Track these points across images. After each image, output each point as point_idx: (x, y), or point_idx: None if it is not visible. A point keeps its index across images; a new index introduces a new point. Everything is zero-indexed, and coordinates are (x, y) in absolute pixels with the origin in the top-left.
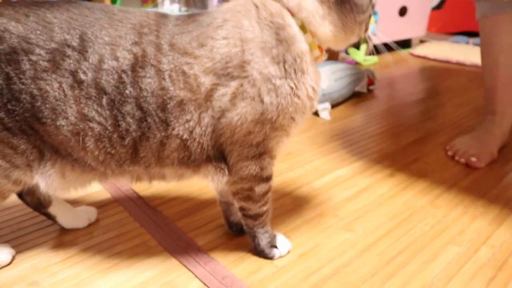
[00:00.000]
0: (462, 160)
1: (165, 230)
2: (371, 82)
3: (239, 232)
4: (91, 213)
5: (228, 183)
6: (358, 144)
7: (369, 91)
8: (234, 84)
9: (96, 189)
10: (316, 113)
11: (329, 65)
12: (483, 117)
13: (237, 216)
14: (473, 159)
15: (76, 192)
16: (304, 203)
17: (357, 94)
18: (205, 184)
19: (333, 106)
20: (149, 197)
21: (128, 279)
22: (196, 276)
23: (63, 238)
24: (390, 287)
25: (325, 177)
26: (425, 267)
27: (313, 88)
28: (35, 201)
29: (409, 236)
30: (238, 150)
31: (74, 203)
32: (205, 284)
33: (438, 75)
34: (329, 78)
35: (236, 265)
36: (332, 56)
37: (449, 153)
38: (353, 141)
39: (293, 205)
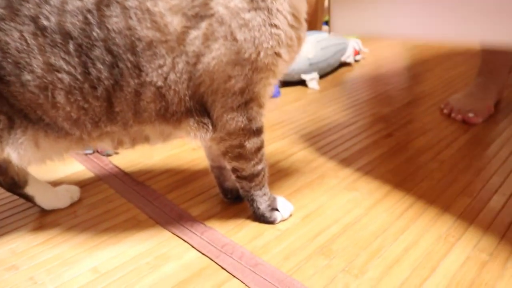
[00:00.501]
0: (459, 116)
1: (155, 203)
2: (357, 52)
3: (236, 200)
4: (73, 192)
5: (215, 141)
6: (350, 110)
7: (356, 61)
8: (203, 25)
9: (79, 169)
10: (304, 84)
11: (313, 34)
12: (476, 77)
13: (232, 181)
14: (471, 114)
15: (53, 163)
16: (302, 166)
17: (344, 64)
18: (196, 156)
19: (321, 76)
20: (135, 172)
21: (117, 255)
22: (192, 247)
23: (44, 220)
24: (404, 240)
25: (321, 141)
26: (438, 218)
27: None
28: (9, 181)
29: (416, 190)
30: (221, 100)
31: (56, 184)
32: (203, 254)
33: (423, 43)
34: (315, 47)
35: (235, 232)
36: (315, 27)
37: (445, 111)
38: (345, 107)
39: (291, 169)
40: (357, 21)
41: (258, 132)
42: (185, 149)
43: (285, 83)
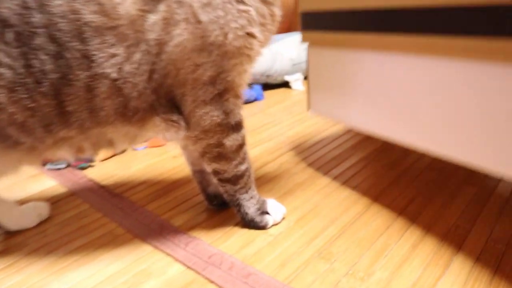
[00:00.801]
0: None
1: (133, 216)
2: None
3: (222, 206)
4: (41, 209)
5: (191, 141)
6: None
7: None
8: (161, 7)
9: (50, 185)
10: (288, 85)
11: (295, 35)
12: None
13: (216, 186)
14: None
15: (6, 177)
16: (291, 167)
17: None
18: (177, 164)
19: (306, 77)
20: (112, 184)
21: (91, 275)
22: (176, 260)
23: (10, 241)
24: (410, 236)
25: (308, 141)
26: (444, 210)
27: None
28: None
29: (417, 183)
30: (191, 93)
31: (25, 203)
32: (188, 267)
33: None
34: (297, 48)
35: (223, 241)
36: (296, 27)
37: None
38: None
39: (279, 170)
40: (332, 108)
41: (238, 127)
42: (165, 157)
43: (269, 86)
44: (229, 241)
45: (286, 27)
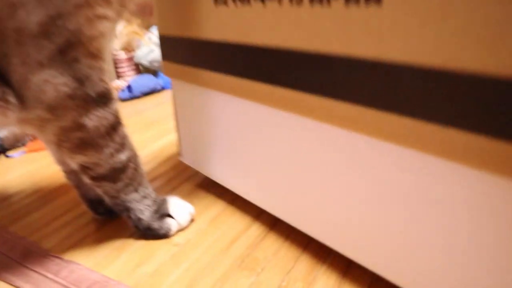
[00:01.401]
0: None
1: None
2: None
3: (112, 214)
4: None
5: (34, 126)
6: None
7: None
8: None
9: None
10: None
11: None
12: None
13: None
14: None
15: None
16: None
17: None
18: (52, 170)
19: None
20: None
21: None
22: None
23: None
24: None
25: None
26: None
27: None
28: None
29: None
30: (17, 52)
31: None
32: None
33: None
34: None
35: (110, 261)
36: None
37: None
38: None
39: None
40: (198, 159)
41: (103, 100)
42: (46, 162)
43: None
44: (119, 260)
45: None
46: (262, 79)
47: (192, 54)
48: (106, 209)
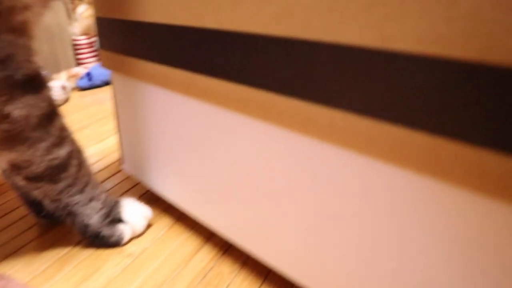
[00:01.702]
0: None
1: None
2: None
3: (59, 217)
4: None
5: None
6: None
7: None
8: None
9: None
10: None
11: None
12: None
13: None
14: None
15: None
16: None
17: None
18: None
19: None
20: None
21: None
22: None
23: None
24: None
25: None
26: None
27: None
28: None
29: None
30: None
31: None
32: None
33: None
34: None
35: (50, 275)
36: None
37: None
38: None
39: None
40: (141, 168)
41: (33, 84)
42: None
43: None
44: (60, 274)
45: None
46: (201, 69)
47: (130, 40)
48: (53, 213)
